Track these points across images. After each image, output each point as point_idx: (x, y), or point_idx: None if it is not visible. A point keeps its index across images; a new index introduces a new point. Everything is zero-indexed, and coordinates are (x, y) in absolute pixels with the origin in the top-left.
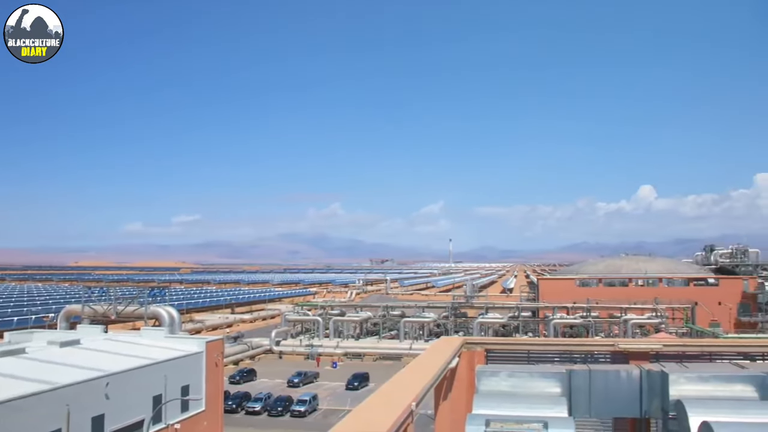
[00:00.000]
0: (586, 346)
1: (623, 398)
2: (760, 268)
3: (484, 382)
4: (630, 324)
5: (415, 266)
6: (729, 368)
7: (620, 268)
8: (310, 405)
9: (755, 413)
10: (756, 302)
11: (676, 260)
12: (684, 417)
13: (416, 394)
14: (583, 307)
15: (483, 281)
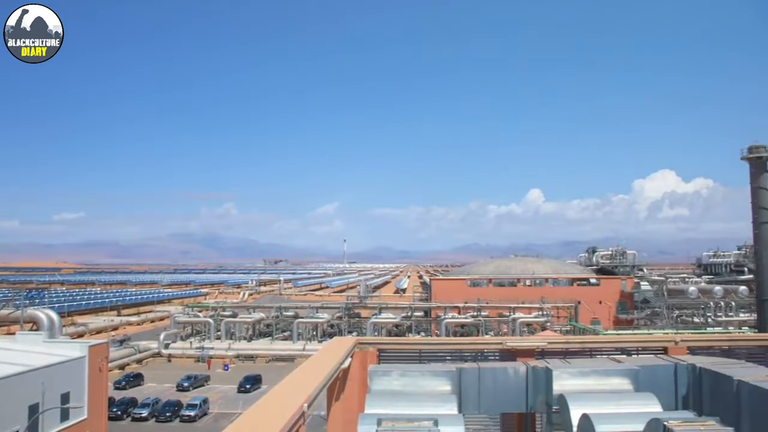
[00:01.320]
0: (476, 345)
1: (510, 394)
2: (637, 269)
3: (377, 382)
4: (518, 323)
5: (310, 267)
6: (607, 363)
7: (509, 268)
8: (201, 409)
9: (630, 404)
10: (632, 300)
11: (561, 261)
12: (566, 410)
13: (308, 395)
14: (473, 307)
15: (377, 282)
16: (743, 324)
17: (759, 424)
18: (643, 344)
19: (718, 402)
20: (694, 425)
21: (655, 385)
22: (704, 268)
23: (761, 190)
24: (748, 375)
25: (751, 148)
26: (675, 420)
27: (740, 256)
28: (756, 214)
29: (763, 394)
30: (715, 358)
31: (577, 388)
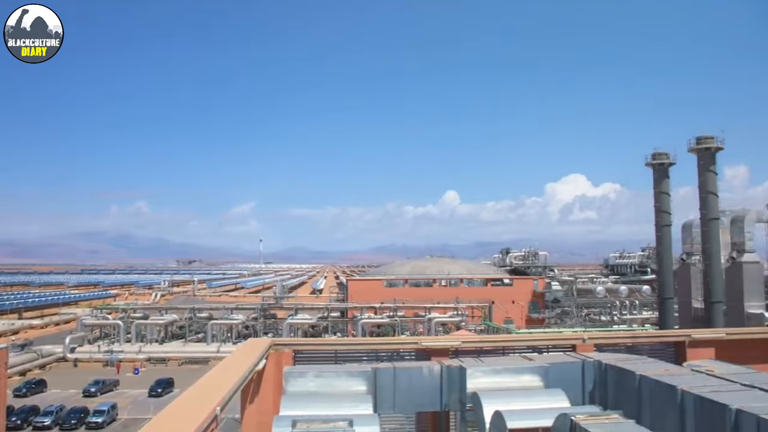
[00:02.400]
0: (392, 345)
1: (425, 393)
2: (548, 270)
3: (292, 383)
4: (433, 323)
5: (225, 267)
6: (519, 361)
7: (425, 269)
8: (109, 415)
9: (540, 400)
10: (544, 300)
11: (476, 262)
12: (479, 407)
13: (221, 397)
14: (390, 307)
15: (293, 282)
16: (646, 321)
17: (658, 414)
18: (553, 342)
19: (622, 396)
20: (599, 419)
21: (564, 382)
22: (611, 269)
23: (663, 195)
24: (649, 370)
25: (654, 154)
26: (582, 414)
27: (644, 258)
28: (658, 218)
29: (662, 387)
30: (619, 355)
31: (490, 386)
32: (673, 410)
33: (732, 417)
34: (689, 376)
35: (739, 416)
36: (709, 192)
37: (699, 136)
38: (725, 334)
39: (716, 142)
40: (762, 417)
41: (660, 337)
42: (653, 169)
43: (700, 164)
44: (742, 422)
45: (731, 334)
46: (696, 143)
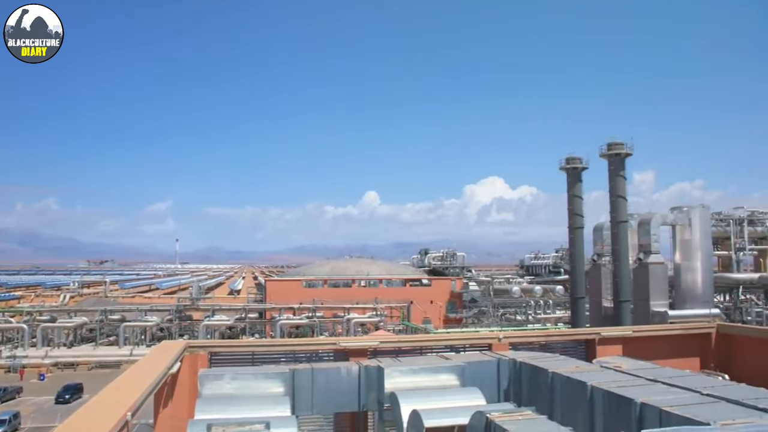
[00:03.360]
0: (310, 346)
1: (343, 394)
2: (466, 270)
3: (208, 386)
4: (352, 323)
5: (139, 267)
6: (437, 360)
7: (345, 269)
8: (10, 425)
9: (457, 398)
10: (461, 300)
11: (395, 262)
12: (397, 407)
13: (133, 402)
14: (309, 308)
15: (210, 283)
16: (559, 320)
17: (569, 409)
18: (470, 341)
19: (535, 393)
20: (513, 416)
21: (480, 380)
22: (526, 269)
23: (576, 198)
24: (561, 367)
25: (568, 159)
26: (497, 412)
27: (557, 258)
28: (571, 220)
29: (572, 383)
30: (533, 353)
31: (407, 386)
32: (583, 405)
33: (637, 410)
34: (598, 372)
35: (643, 409)
36: (618, 196)
37: (610, 143)
38: (632, 332)
39: (625, 149)
40: (663, 409)
41: (572, 335)
42: (567, 173)
43: (611, 169)
44: (646, 414)
45: (637, 331)
46: (607, 149)
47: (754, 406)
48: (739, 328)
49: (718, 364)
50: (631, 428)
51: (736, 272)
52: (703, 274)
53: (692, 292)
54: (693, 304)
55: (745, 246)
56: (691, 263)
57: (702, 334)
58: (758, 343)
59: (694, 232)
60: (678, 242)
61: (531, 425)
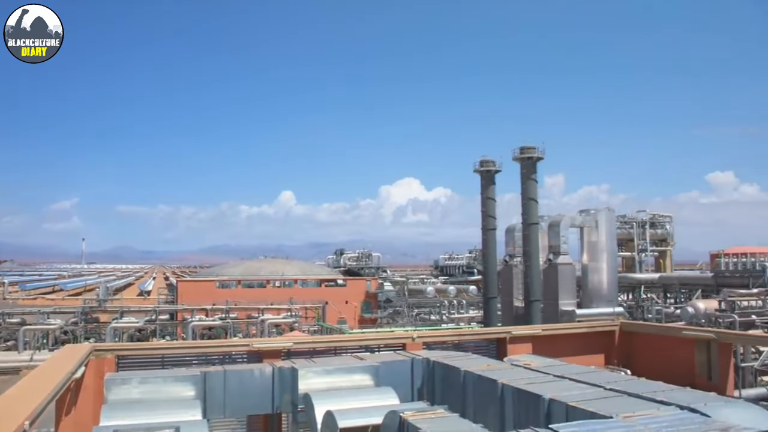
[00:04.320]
0: (222, 347)
1: (257, 396)
2: (381, 270)
3: (114, 391)
4: (266, 324)
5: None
6: (351, 361)
7: (259, 270)
8: None
9: (370, 398)
10: (376, 300)
11: (310, 263)
12: (311, 408)
13: (32, 410)
14: (222, 309)
15: (119, 284)
16: (472, 320)
17: (480, 407)
18: (384, 341)
19: (448, 391)
20: (425, 414)
21: (394, 379)
22: (440, 270)
23: (489, 200)
24: (473, 366)
25: (482, 162)
26: (410, 411)
27: (471, 259)
28: (484, 222)
29: (484, 381)
30: (446, 352)
31: (321, 386)
32: (494, 402)
33: (545, 405)
34: (509, 370)
35: (551, 404)
36: (530, 198)
37: (522, 147)
38: (541, 330)
39: (537, 153)
40: (570, 404)
41: (484, 334)
42: (481, 175)
43: (523, 172)
44: (554, 410)
45: (546, 329)
46: (519, 153)
47: (652, 398)
48: (640, 325)
49: (621, 360)
50: (539, 423)
51: (639, 272)
52: (609, 274)
53: (598, 291)
54: (599, 303)
55: (647, 247)
56: (597, 264)
57: (606, 332)
58: (657, 339)
59: (600, 234)
60: (585, 244)
61: (443, 423)
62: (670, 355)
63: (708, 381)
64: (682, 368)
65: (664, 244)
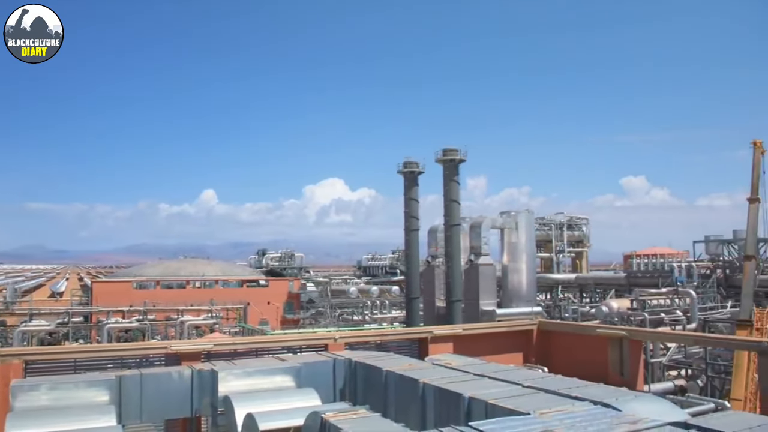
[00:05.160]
0: (139, 350)
1: (175, 400)
2: (304, 271)
3: (21, 398)
4: (186, 326)
5: None
6: (272, 362)
7: (179, 270)
8: None
9: (292, 400)
10: (299, 301)
11: (232, 263)
12: (231, 411)
13: None
14: (140, 311)
15: (29, 285)
16: (394, 320)
17: (402, 406)
18: (306, 342)
19: (370, 391)
20: (347, 415)
21: (316, 381)
22: (363, 270)
23: (412, 201)
24: (395, 365)
25: (405, 163)
26: (331, 411)
27: (393, 260)
28: (407, 222)
29: (405, 380)
30: (368, 352)
31: (242, 389)
32: (415, 401)
33: (465, 404)
34: (430, 369)
35: (471, 403)
36: (452, 200)
37: (445, 149)
38: (462, 330)
39: (460, 155)
40: (489, 402)
41: (406, 334)
42: (404, 176)
43: (446, 174)
44: (474, 408)
45: (467, 329)
46: (442, 155)
47: (567, 395)
48: (556, 324)
49: (538, 358)
50: (460, 421)
51: (556, 273)
52: (528, 274)
53: (518, 291)
54: (518, 302)
55: (564, 249)
56: (517, 264)
57: (525, 331)
58: (572, 337)
59: (520, 236)
60: (506, 245)
61: (364, 423)
62: (585, 352)
63: (620, 376)
64: (597, 365)
65: (581, 245)
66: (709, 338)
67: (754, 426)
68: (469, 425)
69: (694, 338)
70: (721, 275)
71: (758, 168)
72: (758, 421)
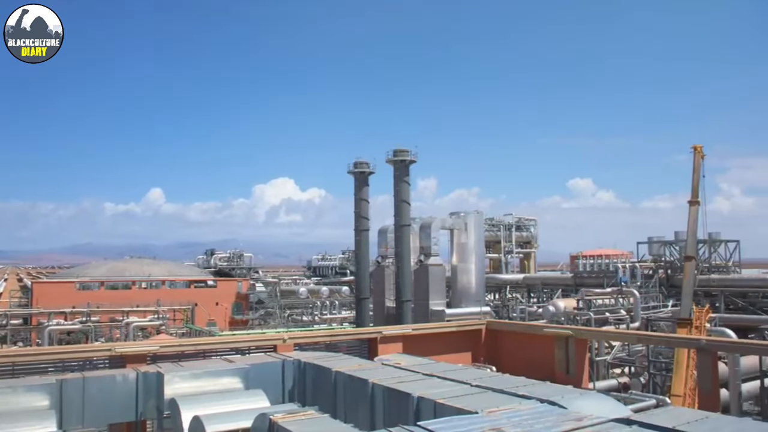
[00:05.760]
0: (82, 353)
1: (119, 403)
2: (253, 271)
3: None
4: (132, 327)
5: None
6: (220, 364)
7: (124, 270)
8: None
9: (240, 401)
10: (248, 301)
11: (179, 263)
12: (177, 414)
13: None
14: (83, 312)
15: None
16: (345, 320)
17: (351, 407)
18: (255, 343)
19: (319, 392)
20: (296, 416)
21: (265, 382)
22: (313, 270)
23: (362, 201)
24: (344, 366)
25: (356, 163)
26: (280, 413)
27: (344, 260)
28: (357, 223)
29: (354, 381)
30: (318, 353)
31: (189, 391)
32: (364, 402)
33: (414, 403)
34: (379, 370)
35: (420, 402)
36: (402, 201)
37: (396, 149)
38: (411, 330)
39: (410, 156)
40: (438, 401)
41: (355, 334)
42: (355, 177)
43: (396, 175)
44: (423, 407)
45: (416, 329)
46: (393, 155)
47: (514, 393)
48: (504, 324)
49: (487, 358)
50: (408, 421)
51: (505, 273)
52: (477, 275)
53: (467, 291)
54: (467, 302)
55: (513, 249)
56: (466, 265)
57: (473, 331)
58: (520, 337)
59: (469, 236)
60: (455, 245)
61: (313, 424)
62: (532, 351)
63: (566, 375)
64: (544, 363)
65: (529, 246)
66: (651, 336)
67: (692, 421)
68: (417, 425)
69: (637, 337)
70: (663, 275)
71: (698, 172)
72: (696, 416)
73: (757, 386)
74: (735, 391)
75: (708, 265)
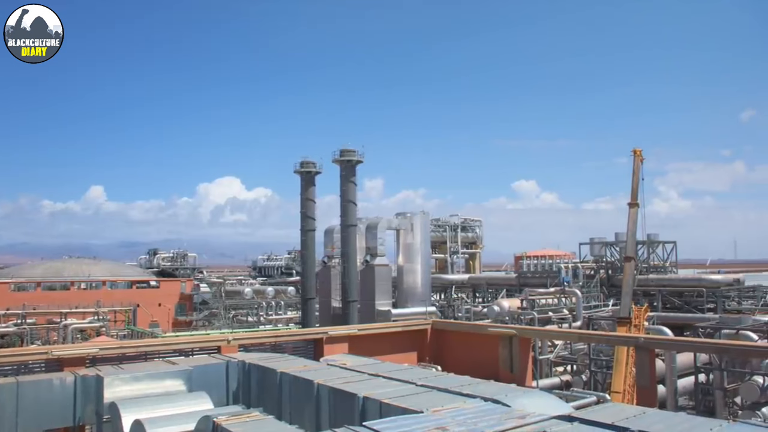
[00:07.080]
0: (16, 357)
1: (56, 408)
2: (197, 271)
3: None
4: (70, 329)
5: None
6: (162, 366)
7: (62, 271)
8: None
9: (183, 404)
10: (192, 302)
11: (120, 263)
12: (117, 418)
13: None
14: (18, 314)
15: None
16: (290, 321)
17: (297, 408)
18: (199, 345)
19: (264, 393)
20: (240, 418)
21: (208, 384)
22: (259, 270)
23: (309, 201)
24: (290, 366)
25: (302, 163)
26: (224, 415)
27: (290, 260)
28: (304, 222)
29: (300, 382)
30: (263, 354)
31: (130, 394)
32: (310, 402)
33: (360, 404)
34: (325, 370)
35: (365, 402)
36: (349, 201)
37: (342, 149)
38: (357, 330)
39: (357, 156)
40: (383, 401)
41: (301, 335)
42: (301, 176)
43: (342, 175)
44: (368, 407)
45: (362, 329)
46: (340, 155)
47: (459, 392)
48: (450, 323)
49: (432, 357)
50: (354, 421)
51: (451, 273)
52: (423, 275)
53: (413, 291)
54: (413, 302)
55: (458, 250)
56: (412, 265)
57: (419, 331)
58: (465, 336)
59: (415, 237)
60: (401, 245)
61: (258, 426)
62: (477, 350)
63: (510, 373)
64: (488, 362)
65: (474, 246)
66: (592, 335)
67: (630, 416)
68: (363, 425)
69: (579, 335)
70: (603, 275)
71: (638, 174)
72: (634, 411)
73: (691, 382)
74: (671, 387)
75: (647, 266)
